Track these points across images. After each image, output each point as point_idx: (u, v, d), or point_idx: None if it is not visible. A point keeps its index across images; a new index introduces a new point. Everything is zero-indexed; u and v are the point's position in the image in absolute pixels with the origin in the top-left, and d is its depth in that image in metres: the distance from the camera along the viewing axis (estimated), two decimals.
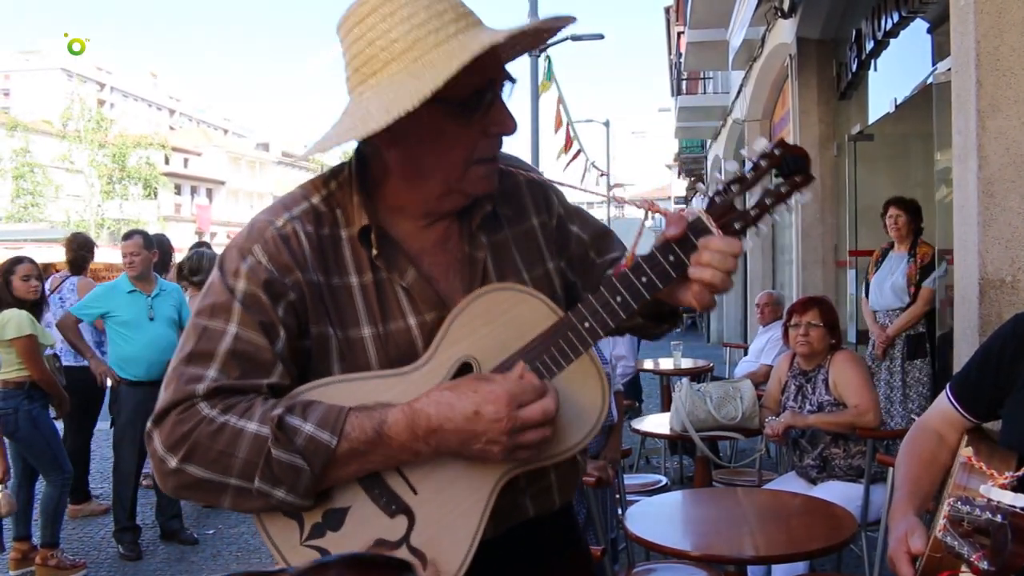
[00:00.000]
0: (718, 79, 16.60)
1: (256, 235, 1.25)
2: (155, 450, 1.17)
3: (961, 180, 3.17)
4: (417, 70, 1.16)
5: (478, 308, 1.25)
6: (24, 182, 32.12)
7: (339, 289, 1.26)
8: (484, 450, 1.16)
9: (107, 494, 6.29)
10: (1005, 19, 2.97)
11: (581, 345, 1.24)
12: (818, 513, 3.01)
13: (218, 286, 1.23)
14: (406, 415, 1.16)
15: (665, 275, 1.22)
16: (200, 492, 1.18)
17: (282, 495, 1.14)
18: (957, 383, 1.89)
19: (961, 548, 1.43)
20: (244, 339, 1.20)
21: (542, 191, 1.46)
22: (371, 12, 1.19)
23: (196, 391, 1.17)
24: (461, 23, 1.20)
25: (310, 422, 1.15)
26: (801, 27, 7.48)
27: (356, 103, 1.21)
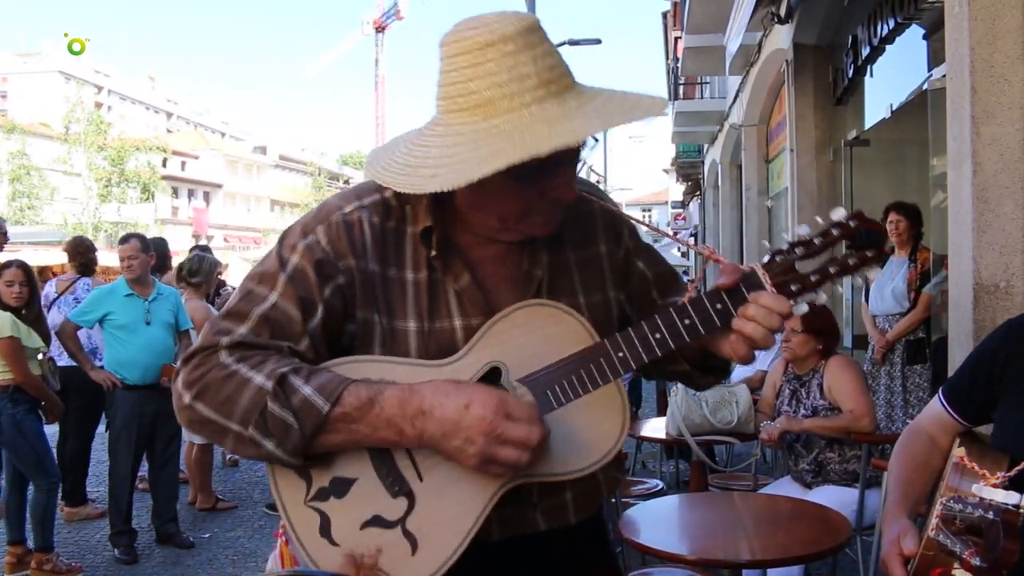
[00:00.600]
0: (715, 84, 16.63)
1: (323, 217, 1.31)
2: (176, 386, 1.25)
3: (955, 186, 3.19)
4: (480, 138, 1.16)
5: (518, 318, 1.29)
6: (20, 184, 32.08)
7: (393, 280, 1.30)
8: (460, 449, 1.18)
9: (103, 498, 6.27)
10: (999, 26, 2.99)
11: (611, 373, 1.26)
12: (813, 517, 3.01)
13: (273, 257, 1.30)
14: (402, 391, 1.20)
15: (709, 322, 1.24)
16: (207, 430, 1.24)
17: (271, 447, 1.20)
18: (950, 387, 1.90)
19: (954, 546, 1.44)
20: (281, 308, 1.26)
21: (614, 222, 1.47)
22: (462, 53, 1.19)
23: (221, 341, 1.24)
24: (540, 91, 1.18)
25: (310, 385, 1.20)
26: (798, 33, 7.51)
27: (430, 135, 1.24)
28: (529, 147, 1.11)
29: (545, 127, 1.15)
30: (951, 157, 3.23)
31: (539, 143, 1.12)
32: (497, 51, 1.17)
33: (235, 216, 55.23)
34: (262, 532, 5.48)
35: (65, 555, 5.01)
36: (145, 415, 5.03)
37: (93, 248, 6.31)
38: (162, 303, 5.19)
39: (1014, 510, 1.42)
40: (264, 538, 5.35)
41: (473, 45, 1.18)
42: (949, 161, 3.27)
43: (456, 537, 1.23)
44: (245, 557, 5.02)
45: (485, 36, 1.18)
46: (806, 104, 7.73)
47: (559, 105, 1.18)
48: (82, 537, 5.43)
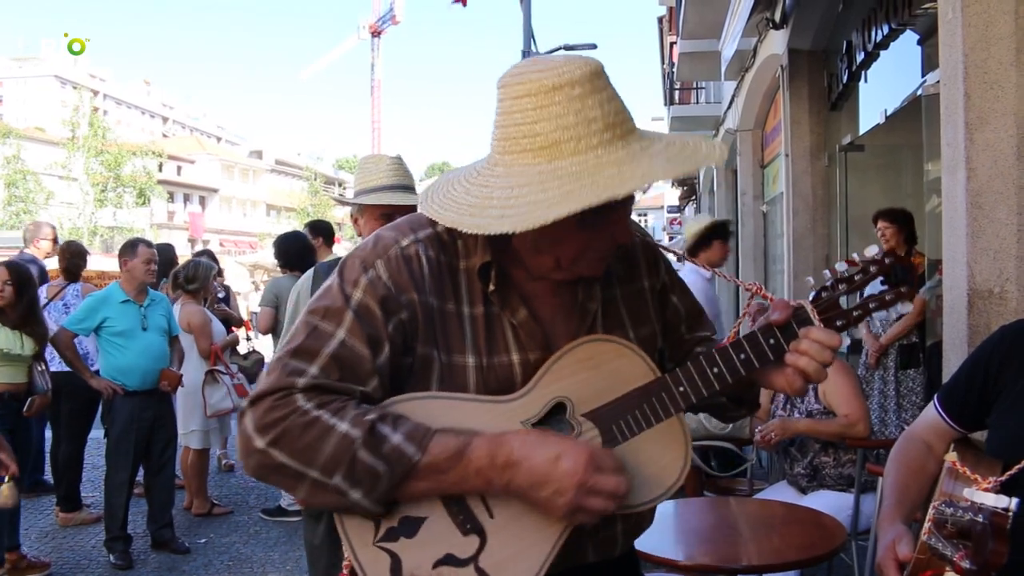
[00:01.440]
0: (711, 89, 16.66)
1: (381, 250, 1.30)
2: (245, 428, 1.21)
3: (950, 191, 3.20)
4: (546, 180, 1.17)
5: (581, 354, 1.30)
6: (16, 189, 32.01)
7: (450, 316, 1.30)
8: (549, 500, 1.20)
9: (98, 503, 6.25)
10: (992, 32, 3.00)
11: (673, 407, 1.30)
12: (808, 522, 3.02)
13: (335, 291, 1.28)
14: (490, 442, 1.21)
15: (763, 356, 1.28)
16: (278, 476, 1.22)
17: (357, 497, 1.19)
18: (945, 393, 1.90)
19: (945, 549, 1.46)
20: (349, 346, 1.24)
21: (653, 255, 1.51)
22: (527, 95, 1.20)
23: (296, 383, 1.21)
24: (607, 135, 1.20)
25: (399, 433, 1.20)
26: (792, 38, 7.53)
27: (489, 174, 1.24)
28: (602, 191, 1.13)
29: (615, 170, 1.17)
30: (945, 163, 3.24)
31: (612, 187, 1.14)
32: (565, 94, 1.18)
33: (231, 221, 55.18)
34: (257, 537, 5.47)
35: (60, 561, 5.00)
36: (143, 420, 5.03)
37: (81, 253, 6.25)
38: (155, 308, 5.20)
39: (1003, 513, 1.43)
40: (260, 544, 5.34)
41: (540, 88, 1.19)
42: (943, 167, 3.28)
43: (530, 571, 1.24)
44: (240, 563, 5.01)
45: (553, 79, 1.19)
46: (801, 109, 7.74)
47: (624, 148, 1.21)
48: (77, 543, 5.41)
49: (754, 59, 9.38)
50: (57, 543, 5.39)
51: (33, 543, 5.23)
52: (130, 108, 71.25)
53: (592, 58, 1.24)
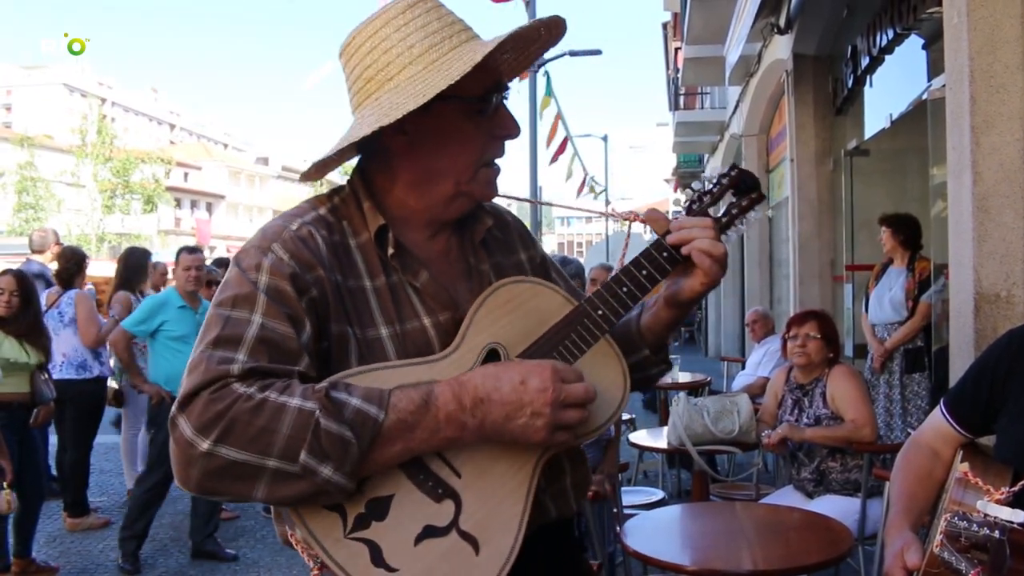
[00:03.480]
0: (715, 94, 16.66)
1: (273, 236, 1.26)
2: (181, 435, 1.10)
3: (956, 196, 3.19)
4: (439, 67, 1.25)
5: (499, 299, 1.31)
6: (27, 196, 32.17)
7: (355, 291, 1.28)
8: (528, 424, 1.18)
9: (106, 507, 6.28)
10: (998, 36, 3.00)
11: (597, 330, 1.32)
12: (815, 527, 3.01)
13: (239, 279, 1.22)
14: (452, 386, 1.18)
15: (661, 268, 1.34)
16: (229, 480, 1.10)
17: (328, 473, 1.09)
18: (951, 398, 1.89)
19: (959, 564, 1.43)
20: (269, 328, 1.18)
21: (525, 229, 1.56)
22: (385, 24, 1.28)
23: (230, 371, 1.13)
24: (468, 32, 1.31)
25: (356, 396, 1.13)
26: (797, 43, 7.53)
27: (372, 107, 1.28)
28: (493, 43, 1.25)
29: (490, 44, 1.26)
30: (951, 167, 3.24)
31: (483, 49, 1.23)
32: (421, 8, 1.29)
33: (238, 227, 55.27)
34: (264, 542, 5.47)
35: (68, 566, 5.01)
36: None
37: (76, 258, 6.10)
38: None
39: (1020, 529, 1.41)
40: (266, 547, 5.34)
41: (397, 11, 1.28)
42: (949, 171, 3.27)
43: (512, 523, 1.22)
44: (247, 567, 5.01)
45: (404, 2, 1.29)
46: (806, 114, 7.75)
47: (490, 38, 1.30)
48: (84, 547, 5.42)
49: (759, 64, 9.38)
50: (64, 547, 5.40)
51: (40, 548, 5.24)
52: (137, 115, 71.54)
53: None
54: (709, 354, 16.93)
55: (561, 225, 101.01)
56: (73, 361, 5.77)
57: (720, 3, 9.22)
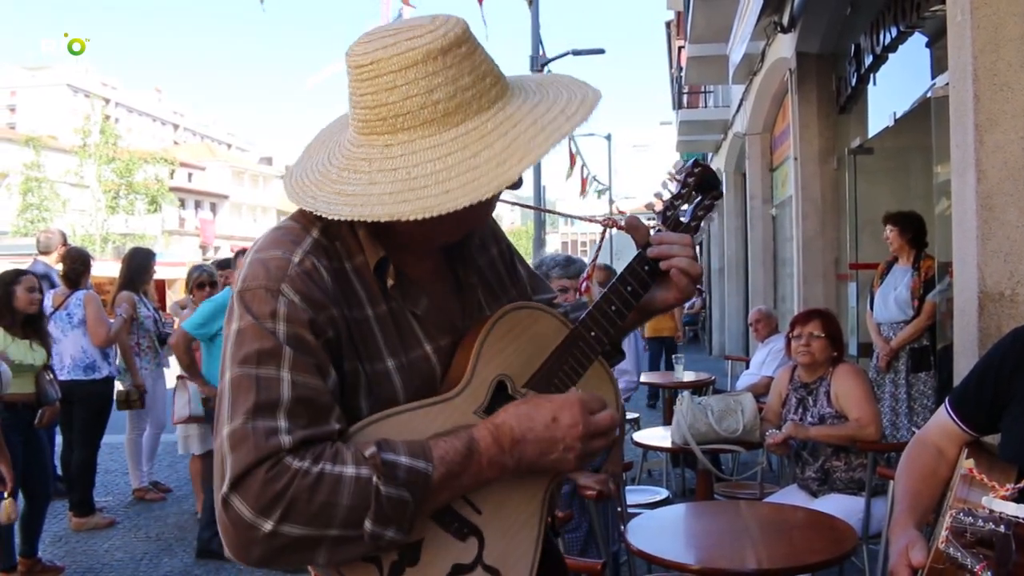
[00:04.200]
0: (719, 93, 16.66)
1: (278, 274, 1.17)
2: (239, 516, 1.06)
3: (959, 194, 3.19)
4: (470, 143, 1.14)
5: (502, 328, 1.31)
6: (32, 196, 32.25)
7: (360, 322, 1.23)
8: (561, 458, 1.22)
9: (111, 507, 6.30)
10: (1002, 34, 2.99)
11: (592, 352, 1.35)
12: (819, 526, 3.01)
13: (256, 331, 1.14)
14: (490, 431, 1.20)
15: (644, 283, 1.38)
16: (292, 552, 1.10)
17: (392, 535, 1.11)
18: (956, 396, 1.89)
19: (964, 559, 1.43)
20: (301, 384, 1.13)
21: (493, 222, 1.52)
22: (412, 65, 1.13)
23: (281, 444, 1.08)
24: (499, 87, 1.19)
25: (403, 455, 1.13)
26: (801, 42, 7.52)
27: (383, 158, 1.17)
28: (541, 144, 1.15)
29: (531, 118, 1.18)
30: (955, 165, 3.23)
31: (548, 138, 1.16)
32: (454, 56, 1.14)
33: (242, 227, 55.36)
34: None
35: (73, 565, 5.03)
36: None
37: (82, 259, 6.10)
38: None
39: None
40: None
41: (427, 54, 1.13)
42: (953, 169, 3.27)
43: (528, 552, 1.28)
44: (252, 568, 5.01)
45: (439, 43, 1.13)
46: (809, 113, 7.74)
47: (518, 97, 1.21)
48: (90, 547, 5.44)
49: (762, 63, 9.37)
50: (70, 547, 5.42)
51: (46, 548, 5.25)
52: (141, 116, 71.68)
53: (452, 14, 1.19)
54: (713, 353, 16.93)
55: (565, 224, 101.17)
56: (81, 363, 5.79)
57: (723, 2, 9.22)
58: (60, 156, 35.25)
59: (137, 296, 6.26)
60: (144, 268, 6.48)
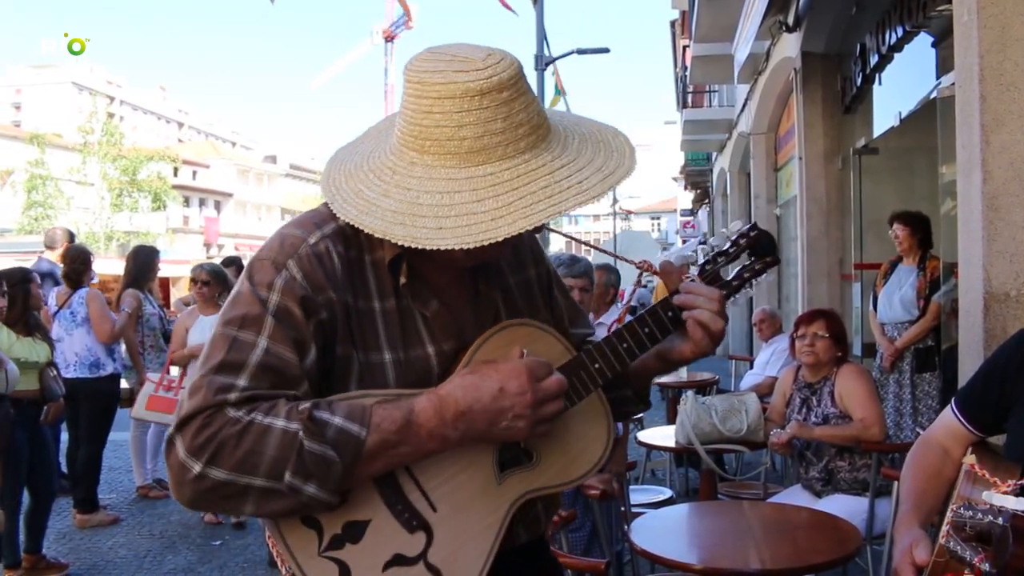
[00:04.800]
0: (724, 92, 16.63)
1: (290, 249, 1.24)
2: (176, 458, 1.14)
3: (965, 194, 3.18)
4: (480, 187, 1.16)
5: (501, 340, 1.31)
6: (36, 194, 32.29)
7: (364, 312, 1.27)
8: (510, 427, 1.22)
9: (115, 504, 6.31)
10: (1009, 34, 2.98)
11: (592, 384, 1.33)
12: (823, 526, 3.01)
13: (249, 297, 1.21)
14: (432, 402, 1.20)
15: (663, 327, 1.37)
16: (219, 498, 1.15)
17: (312, 490, 1.14)
18: (962, 397, 1.89)
19: (964, 552, 1.45)
20: (274, 353, 1.18)
21: (536, 242, 1.55)
22: (450, 97, 1.16)
23: (227, 399, 1.15)
24: (531, 138, 1.20)
25: (338, 415, 1.16)
26: (806, 41, 7.50)
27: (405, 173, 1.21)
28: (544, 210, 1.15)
29: (547, 179, 1.18)
30: (960, 165, 3.23)
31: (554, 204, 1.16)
32: (492, 99, 1.16)
33: (246, 225, 55.41)
34: None
35: (77, 562, 5.04)
36: None
37: (82, 258, 6.05)
38: None
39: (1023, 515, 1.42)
40: None
41: (467, 92, 1.15)
42: (959, 169, 3.26)
43: (477, 562, 1.26)
44: (255, 565, 5.03)
45: (481, 84, 1.15)
46: (814, 112, 7.72)
47: (548, 151, 1.21)
48: (94, 544, 5.45)
49: (767, 62, 9.36)
50: (74, 544, 5.43)
51: (51, 544, 5.27)
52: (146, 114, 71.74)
53: (510, 54, 1.21)
54: (717, 353, 16.92)
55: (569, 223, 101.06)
56: (86, 360, 5.80)
57: (728, 1, 9.20)
58: (65, 154, 35.29)
59: (142, 294, 6.27)
60: (148, 266, 6.48)
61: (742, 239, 1.43)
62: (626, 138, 1.29)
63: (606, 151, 1.26)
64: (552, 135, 1.24)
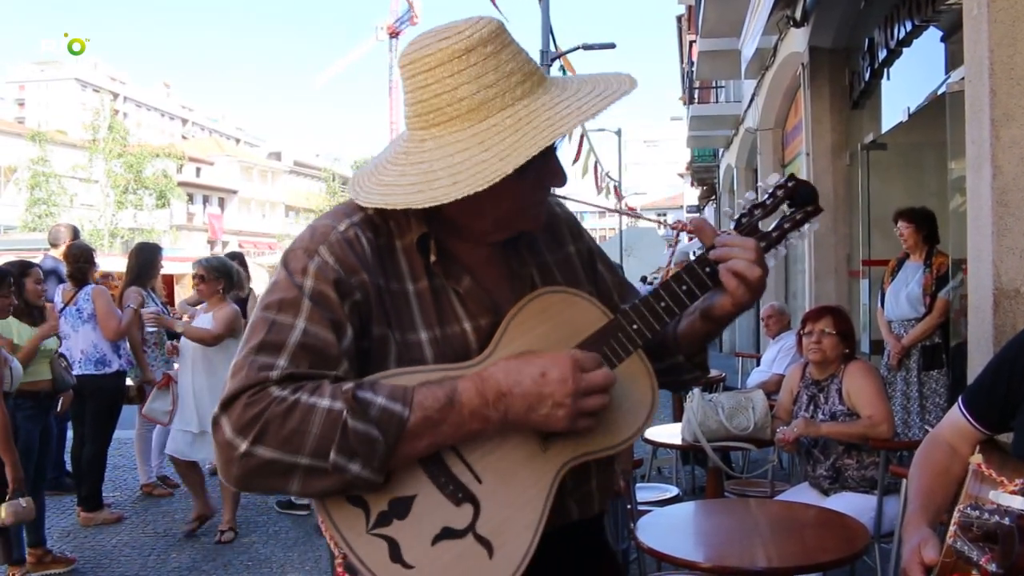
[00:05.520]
0: (730, 88, 16.58)
1: (320, 237, 1.28)
2: (223, 436, 1.16)
3: (974, 190, 3.16)
4: (486, 138, 1.21)
5: (534, 309, 1.32)
6: (39, 191, 32.39)
7: (397, 294, 1.30)
8: (550, 415, 1.21)
9: (119, 503, 6.32)
10: (1019, 28, 2.96)
11: (631, 344, 1.32)
12: (831, 524, 2.99)
13: (285, 283, 1.26)
14: (475, 382, 1.21)
15: (702, 284, 1.34)
16: (266, 476, 1.17)
17: (357, 469, 1.15)
18: (970, 394, 1.88)
19: (971, 552, 1.45)
20: (312, 334, 1.22)
21: (574, 220, 1.56)
22: (440, 64, 1.22)
23: (269, 376, 1.18)
24: (526, 84, 1.25)
25: (381, 395, 1.18)
26: (813, 36, 7.48)
27: (418, 151, 1.26)
28: (547, 135, 1.19)
29: (549, 114, 1.22)
30: (970, 161, 3.20)
31: (554, 129, 1.19)
32: (478, 54, 1.22)
33: (250, 222, 55.57)
34: (277, 537, 5.48)
35: (82, 560, 5.04)
36: None
37: (85, 256, 6.04)
38: None
39: None
40: (279, 544, 5.36)
41: (453, 54, 1.21)
42: (968, 165, 3.24)
43: (527, 531, 1.25)
44: (259, 563, 5.02)
45: (464, 43, 1.21)
46: (822, 108, 7.69)
47: (546, 93, 1.25)
48: (98, 542, 5.45)
49: (774, 57, 9.32)
50: (79, 542, 5.43)
51: (55, 542, 5.27)
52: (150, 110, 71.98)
53: (490, 15, 1.27)
54: (724, 350, 16.88)
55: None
56: (92, 357, 5.81)
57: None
58: (69, 151, 35.37)
59: (145, 291, 6.26)
60: (151, 263, 6.46)
61: (779, 190, 1.38)
62: (628, 75, 1.32)
63: (604, 81, 1.30)
64: (549, 82, 1.29)
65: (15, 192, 34.06)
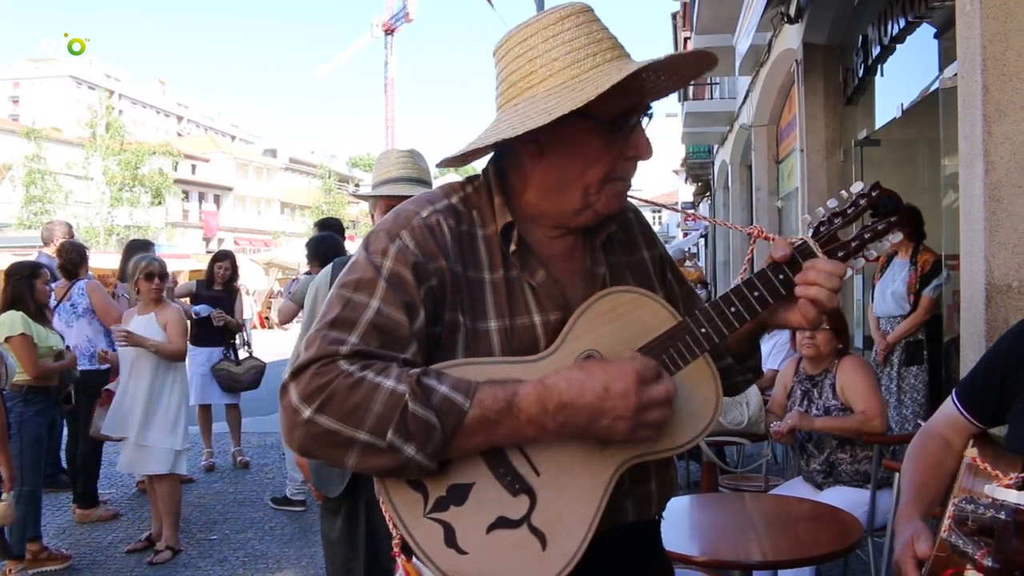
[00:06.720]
0: (725, 85, 16.58)
1: (404, 222, 1.32)
2: (290, 401, 1.20)
3: (967, 185, 3.17)
4: (575, 84, 1.25)
5: (603, 307, 1.34)
6: (35, 188, 32.26)
7: (473, 282, 1.33)
8: (610, 427, 1.22)
9: (115, 499, 6.32)
10: (1012, 24, 2.97)
11: (698, 348, 1.32)
12: (824, 518, 3.00)
13: (364, 263, 1.30)
14: (537, 389, 1.21)
15: (775, 291, 1.33)
16: (325, 446, 1.19)
17: (411, 452, 1.17)
18: (963, 388, 1.88)
19: (966, 547, 1.44)
20: (385, 314, 1.25)
21: (648, 227, 1.58)
22: (535, 33, 1.30)
23: (339, 351, 1.21)
24: (616, 51, 1.30)
25: (445, 384, 1.19)
26: (807, 33, 7.48)
27: (510, 111, 1.31)
28: (633, 67, 1.23)
29: (633, 63, 1.27)
30: (963, 156, 3.21)
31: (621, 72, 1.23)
32: (572, 22, 1.29)
33: (245, 219, 55.41)
34: (272, 533, 5.49)
35: (77, 557, 5.05)
36: None
37: (76, 250, 6.07)
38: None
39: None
40: (274, 540, 5.36)
41: (547, 23, 1.29)
42: (961, 160, 3.25)
43: (582, 526, 1.26)
44: (255, 559, 5.03)
45: (558, 13, 1.30)
46: (816, 104, 7.69)
47: (632, 63, 1.28)
48: (94, 539, 5.46)
49: (769, 54, 9.33)
50: (74, 539, 5.44)
51: (51, 539, 5.27)
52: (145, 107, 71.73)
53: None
54: None
55: None
56: (86, 352, 5.81)
57: None
58: (64, 148, 35.23)
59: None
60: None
61: (862, 199, 1.37)
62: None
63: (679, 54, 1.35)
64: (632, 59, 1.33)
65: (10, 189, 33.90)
